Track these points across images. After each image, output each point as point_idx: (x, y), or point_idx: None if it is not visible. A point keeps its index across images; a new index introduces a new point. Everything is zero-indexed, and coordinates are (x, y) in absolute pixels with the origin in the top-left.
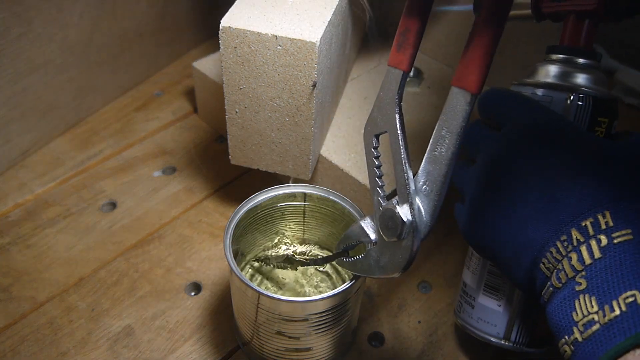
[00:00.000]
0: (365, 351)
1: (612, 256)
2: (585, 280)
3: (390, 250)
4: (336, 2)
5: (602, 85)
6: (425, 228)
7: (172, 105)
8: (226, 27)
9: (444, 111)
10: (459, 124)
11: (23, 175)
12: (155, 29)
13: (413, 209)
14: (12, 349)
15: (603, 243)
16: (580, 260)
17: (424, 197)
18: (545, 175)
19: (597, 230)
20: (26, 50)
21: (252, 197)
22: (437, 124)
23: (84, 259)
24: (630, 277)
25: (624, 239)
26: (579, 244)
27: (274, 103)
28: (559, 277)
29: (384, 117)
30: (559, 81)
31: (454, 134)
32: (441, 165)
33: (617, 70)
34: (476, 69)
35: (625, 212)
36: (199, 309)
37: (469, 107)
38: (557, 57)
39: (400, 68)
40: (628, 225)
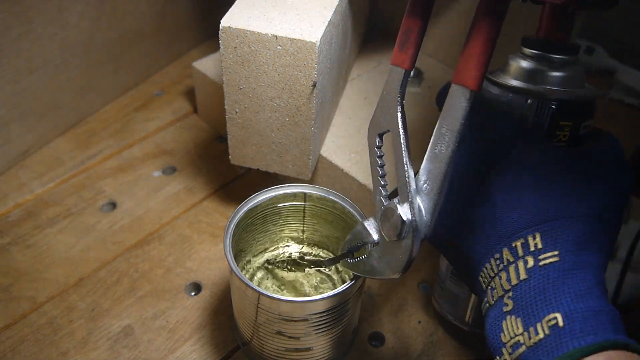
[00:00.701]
0: (365, 351)
1: (536, 278)
2: (511, 302)
3: (390, 251)
4: (336, 2)
5: (572, 85)
6: (425, 227)
7: (172, 105)
8: (226, 27)
9: (444, 109)
10: (458, 121)
11: (23, 175)
12: (155, 29)
13: (413, 208)
14: (12, 349)
15: (529, 264)
16: (508, 280)
17: (425, 196)
18: (487, 193)
19: (526, 251)
20: (26, 50)
21: (252, 197)
22: (438, 122)
23: (84, 259)
24: (553, 299)
25: (550, 261)
26: (508, 263)
27: (274, 103)
28: (492, 294)
29: (386, 116)
30: (523, 82)
31: (454, 131)
32: (441, 164)
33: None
34: (474, 64)
35: (555, 234)
36: (199, 309)
37: (467, 103)
38: (528, 51)
39: (403, 67)
40: (556, 247)
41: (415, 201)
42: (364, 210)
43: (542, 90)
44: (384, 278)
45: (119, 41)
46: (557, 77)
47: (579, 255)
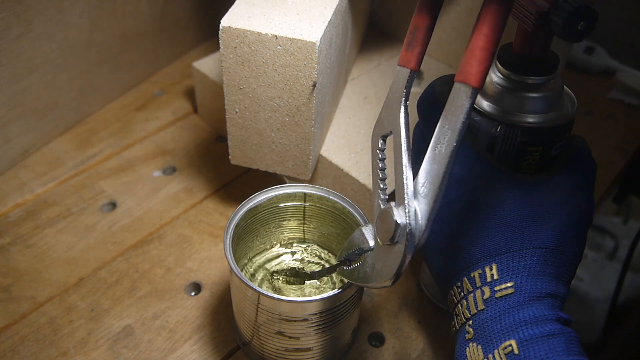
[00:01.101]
0: (365, 351)
1: (493, 309)
2: (472, 330)
3: (384, 256)
4: (336, 2)
5: (545, 107)
6: (420, 232)
7: (172, 105)
8: (226, 27)
9: (446, 107)
10: (459, 120)
11: (23, 175)
12: (155, 29)
13: (409, 211)
14: (12, 349)
15: (486, 295)
16: (468, 309)
17: (422, 199)
18: (450, 221)
19: (483, 282)
20: (26, 50)
21: (252, 197)
22: (440, 121)
23: (84, 259)
24: (509, 327)
25: (505, 293)
26: (468, 292)
27: (274, 103)
28: (456, 320)
29: (389, 117)
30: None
31: (455, 131)
32: (440, 165)
33: (617, 70)
34: (475, 61)
35: (510, 265)
36: (199, 309)
37: (469, 101)
38: (502, 70)
39: (408, 67)
40: (511, 278)
41: (411, 204)
42: (364, 210)
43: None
44: (377, 286)
45: (119, 41)
46: (529, 101)
47: (533, 285)
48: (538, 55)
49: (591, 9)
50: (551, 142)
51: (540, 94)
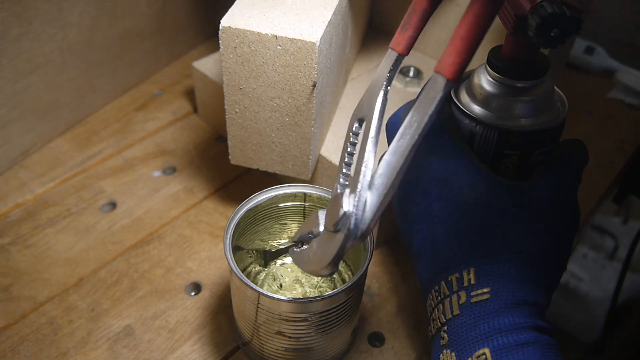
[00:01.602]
0: (365, 351)
1: (468, 314)
2: (446, 335)
3: (325, 242)
4: (336, 2)
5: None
6: (364, 224)
7: (172, 105)
8: (226, 27)
9: (419, 97)
10: (427, 113)
11: (23, 175)
12: (155, 29)
13: (358, 200)
14: (12, 349)
15: (462, 300)
16: (444, 314)
17: (375, 190)
18: (430, 224)
19: (460, 286)
20: (26, 50)
21: (252, 197)
22: (410, 112)
23: (84, 259)
24: (483, 335)
25: (480, 298)
26: (444, 297)
27: (274, 103)
28: (433, 324)
29: (369, 100)
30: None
31: (420, 123)
32: (399, 157)
33: (617, 70)
34: (452, 51)
35: (489, 270)
36: (199, 309)
37: (439, 94)
38: (491, 72)
39: (396, 50)
40: (488, 284)
41: (363, 194)
42: None
43: (488, 119)
44: (314, 272)
45: (119, 41)
46: (513, 104)
47: (510, 292)
48: (524, 59)
49: (567, 16)
50: (530, 146)
51: (526, 98)
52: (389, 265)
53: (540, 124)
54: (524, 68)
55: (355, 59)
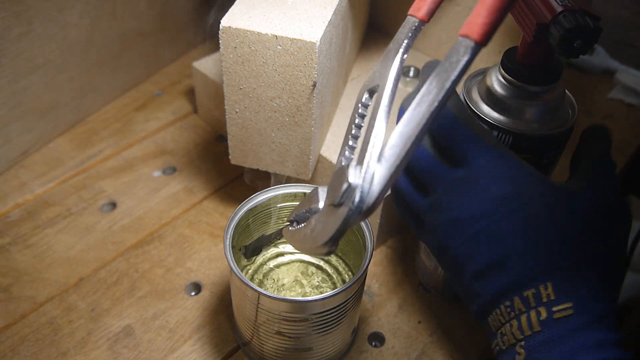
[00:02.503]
0: (365, 351)
1: (550, 331)
2: (524, 351)
3: (326, 218)
4: (336, 2)
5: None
6: (370, 198)
7: (172, 105)
8: (226, 27)
9: (442, 63)
10: (449, 77)
11: (23, 175)
12: (155, 29)
13: (366, 172)
14: (12, 349)
15: (542, 316)
16: (521, 330)
17: (385, 162)
18: (495, 239)
19: (538, 302)
20: (26, 50)
21: (252, 197)
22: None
23: (84, 259)
24: (568, 353)
25: (564, 314)
26: (520, 313)
27: (274, 103)
28: (502, 339)
29: (382, 69)
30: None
31: (441, 89)
32: (415, 126)
33: (617, 70)
34: (483, 9)
35: (567, 284)
36: (199, 309)
37: (466, 58)
38: (505, 75)
39: (416, 16)
40: (569, 299)
41: (372, 166)
42: None
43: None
44: (311, 251)
45: (119, 41)
46: (526, 108)
47: (592, 306)
48: (539, 64)
49: (590, 28)
50: (541, 150)
51: (538, 102)
52: (389, 265)
53: (553, 128)
54: (539, 73)
55: (355, 59)
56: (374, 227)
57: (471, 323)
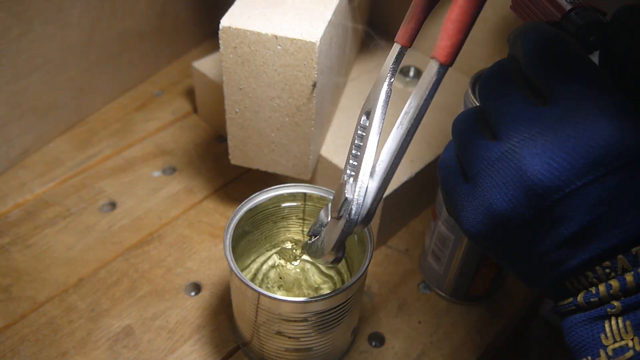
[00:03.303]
0: (365, 351)
1: None
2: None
3: (330, 230)
4: (336, 2)
5: None
6: (364, 210)
7: (172, 105)
8: (226, 27)
9: (418, 85)
10: (421, 97)
11: (23, 175)
12: (155, 29)
13: (359, 187)
14: (12, 349)
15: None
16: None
17: (375, 177)
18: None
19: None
20: (26, 50)
21: (252, 197)
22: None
23: (84, 259)
24: None
25: None
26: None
27: (274, 103)
28: (589, 299)
29: (374, 93)
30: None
31: (416, 107)
32: (394, 143)
33: None
34: (445, 34)
35: None
36: (199, 309)
37: (434, 78)
38: None
39: (400, 42)
40: None
41: (365, 180)
42: None
43: None
44: (321, 261)
45: (119, 41)
46: None
47: None
48: None
49: (602, 22)
50: None
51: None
52: (389, 265)
53: None
54: None
55: (355, 59)
56: (374, 227)
57: (471, 323)
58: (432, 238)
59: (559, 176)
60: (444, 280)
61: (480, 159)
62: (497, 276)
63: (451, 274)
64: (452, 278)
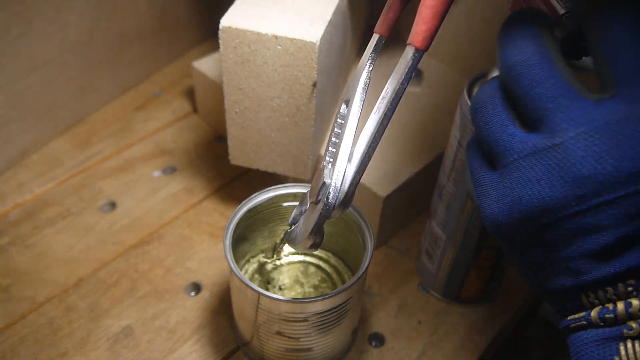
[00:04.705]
0: (365, 351)
1: None
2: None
3: (308, 215)
4: (336, 2)
5: None
6: (341, 193)
7: (172, 105)
8: (226, 26)
9: (394, 71)
10: (396, 82)
11: (23, 175)
12: (155, 29)
13: (338, 171)
14: (12, 349)
15: None
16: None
17: (353, 161)
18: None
19: None
20: (26, 50)
21: (252, 197)
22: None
23: (84, 259)
24: None
25: None
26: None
27: (274, 103)
28: (603, 317)
29: (354, 82)
30: None
31: (390, 92)
32: (372, 128)
33: None
34: (419, 20)
35: None
36: (199, 309)
37: (409, 63)
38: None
39: (378, 32)
40: None
41: (341, 165)
42: (364, 209)
43: None
44: (299, 247)
45: (118, 41)
46: None
47: None
48: None
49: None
50: None
51: None
52: (389, 265)
53: None
54: None
55: (355, 59)
56: (374, 227)
57: (471, 323)
58: (426, 237)
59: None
60: (436, 280)
61: (513, 150)
62: (490, 279)
63: (442, 274)
64: (443, 278)
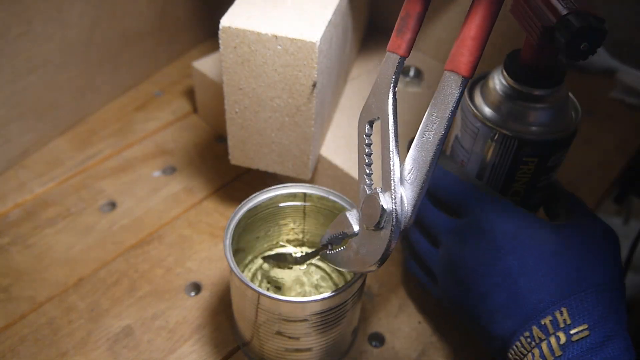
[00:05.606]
0: (365, 351)
1: (571, 352)
2: None
3: (368, 241)
4: (336, 2)
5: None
6: (406, 218)
7: (172, 105)
8: (226, 26)
9: (435, 95)
10: (448, 109)
11: (23, 175)
12: (155, 29)
13: (395, 197)
14: (12, 349)
15: (562, 341)
16: (543, 357)
17: (408, 185)
18: (506, 276)
19: (556, 327)
20: (26, 50)
21: (252, 197)
22: (428, 109)
23: (84, 259)
24: None
25: (581, 336)
26: (540, 341)
27: (274, 103)
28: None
29: (378, 102)
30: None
31: (443, 119)
32: (427, 152)
33: (618, 70)
34: (467, 50)
35: (581, 306)
36: (199, 309)
37: (459, 91)
38: (508, 79)
39: (398, 52)
40: (584, 320)
41: (397, 190)
42: None
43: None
44: (361, 271)
45: (118, 41)
46: (530, 111)
47: (605, 325)
48: (543, 67)
49: (595, 30)
50: (549, 153)
51: (543, 105)
52: (389, 265)
53: (557, 132)
54: (543, 76)
55: (355, 59)
56: None
57: None
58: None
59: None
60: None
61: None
62: None
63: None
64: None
